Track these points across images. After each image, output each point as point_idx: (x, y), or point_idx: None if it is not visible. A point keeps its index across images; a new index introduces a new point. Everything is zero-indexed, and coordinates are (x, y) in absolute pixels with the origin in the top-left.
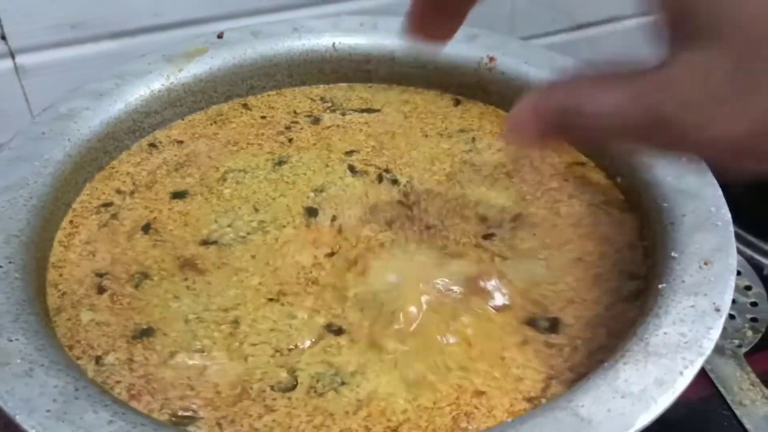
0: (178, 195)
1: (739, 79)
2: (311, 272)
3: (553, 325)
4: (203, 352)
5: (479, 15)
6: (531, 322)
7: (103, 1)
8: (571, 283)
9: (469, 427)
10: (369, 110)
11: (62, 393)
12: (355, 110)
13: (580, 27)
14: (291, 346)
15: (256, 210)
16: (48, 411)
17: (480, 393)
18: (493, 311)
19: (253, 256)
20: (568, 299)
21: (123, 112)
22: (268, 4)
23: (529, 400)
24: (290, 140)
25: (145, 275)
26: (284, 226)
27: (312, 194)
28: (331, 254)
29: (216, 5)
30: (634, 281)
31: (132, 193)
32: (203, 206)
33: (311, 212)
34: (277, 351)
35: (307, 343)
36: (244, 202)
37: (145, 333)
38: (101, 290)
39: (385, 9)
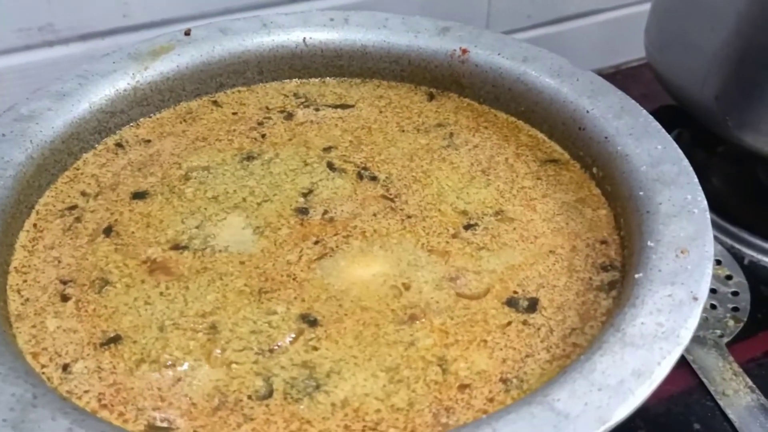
0: (139, 195)
1: None
2: (296, 266)
3: (532, 305)
4: (176, 362)
5: (455, 12)
6: (510, 302)
7: (71, 3)
8: (542, 272)
9: (450, 422)
10: (343, 105)
11: (20, 401)
12: (329, 105)
13: (556, 21)
14: (273, 347)
15: (243, 211)
16: (4, 420)
17: (464, 386)
18: (472, 298)
19: (242, 262)
20: (539, 284)
21: (87, 112)
22: (238, 3)
23: (504, 381)
24: (263, 136)
25: (107, 281)
26: (279, 229)
27: (302, 199)
28: (317, 242)
29: (185, 5)
30: (606, 272)
31: (96, 195)
32: (164, 207)
33: (303, 211)
34: (258, 354)
35: (288, 339)
36: (210, 202)
37: (113, 340)
38: (65, 298)
39: (355, 6)
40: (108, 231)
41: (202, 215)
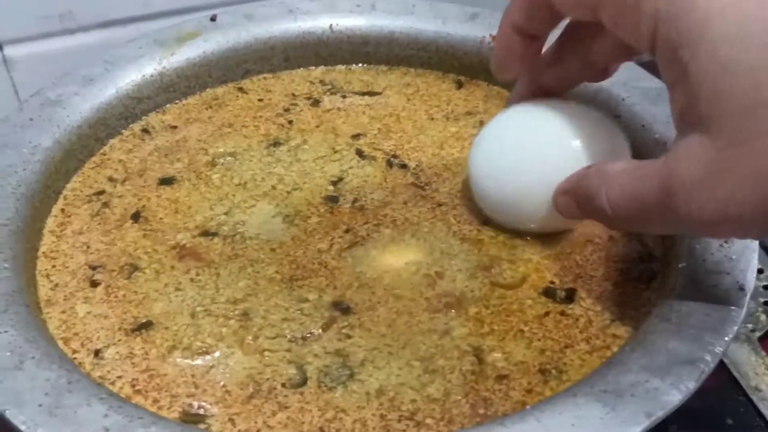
0: (166, 181)
1: (717, 167)
2: (327, 254)
3: (569, 296)
4: (209, 349)
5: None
6: (548, 293)
7: None
8: (580, 261)
9: (488, 413)
10: (371, 93)
11: (54, 386)
12: (356, 93)
13: None
14: (306, 334)
15: (272, 199)
16: (39, 405)
17: (501, 377)
18: (507, 287)
19: (273, 249)
20: (576, 275)
21: (114, 98)
22: None
23: (542, 371)
24: (290, 122)
25: (136, 267)
26: (309, 217)
27: (331, 186)
28: (347, 231)
29: None
30: (644, 263)
31: (124, 180)
32: (192, 193)
33: (332, 200)
34: (291, 341)
35: (321, 327)
36: (238, 189)
37: (144, 326)
38: (95, 284)
39: None
40: (136, 216)
41: (231, 202)
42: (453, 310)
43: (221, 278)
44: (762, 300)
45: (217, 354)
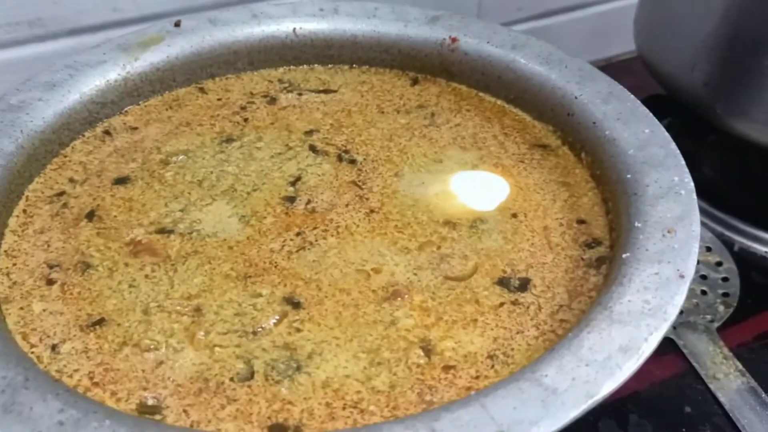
0: (120, 181)
1: None
2: (278, 254)
3: (523, 285)
4: (157, 346)
5: (446, 4)
6: (502, 282)
7: None
8: (529, 249)
9: (434, 400)
10: (326, 91)
11: (10, 384)
12: (312, 90)
13: (546, 15)
14: (257, 329)
15: (231, 199)
16: None
17: (448, 367)
18: (460, 279)
19: (230, 247)
20: (528, 263)
21: (77, 103)
22: None
23: (490, 357)
24: (245, 120)
25: (88, 264)
26: (264, 218)
27: (291, 188)
28: (298, 234)
29: (175, 0)
30: (593, 249)
31: (83, 182)
32: (146, 191)
33: (290, 200)
34: (241, 336)
35: (272, 321)
36: (193, 187)
37: (98, 323)
38: (51, 282)
39: None
40: (90, 215)
41: (186, 200)
42: (399, 299)
43: (177, 274)
44: (720, 292)
45: (164, 350)
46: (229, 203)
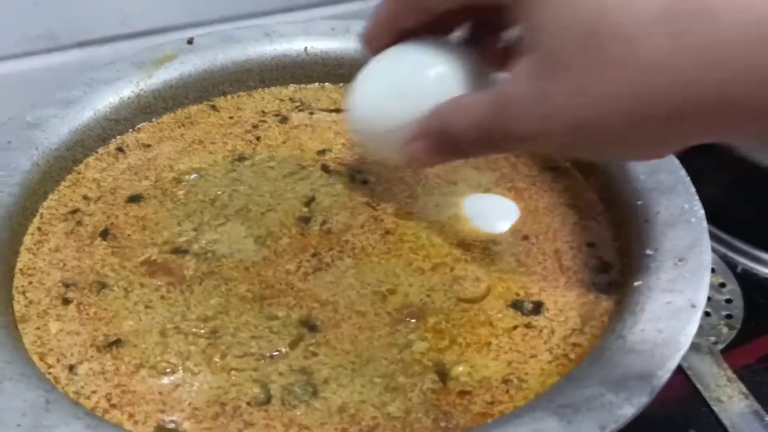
0: (134, 199)
1: (542, 85)
2: (295, 275)
3: (536, 308)
4: (174, 369)
5: None
6: (515, 305)
7: (70, 10)
8: (542, 272)
9: (449, 426)
10: (338, 110)
11: (33, 406)
12: (324, 110)
13: None
14: (273, 353)
15: (246, 220)
16: (18, 426)
17: (464, 393)
18: (471, 301)
19: (247, 268)
20: (540, 287)
21: (92, 120)
22: (236, 11)
23: (505, 381)
24: (258, 138)
25: (104, 284)
26: (280, 238)
27: (305, 208)
28: (314, 255)
29: (184, 13)
30: (604, 273)
31: (97, 199)
32: (159, 210)
33: (305, 221)
34: (258, 360)
35: (287, 346)
36: (206, 206)
37: (114, 344)
38: (66, 301)
39: (356, 14)
40: (105, 234)
41: (199, 219)
42: (413, 320)
43: (194, 295)
44: (724, 313)
45: (181, 373)
46: (244, 223)
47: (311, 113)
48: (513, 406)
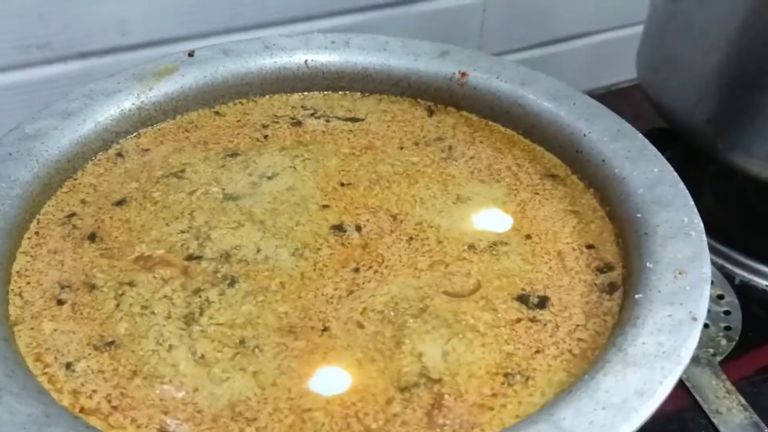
0: (120, 203)
1: None
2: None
3: (542, 302)
4: (172, 379)
5: (449, 33)
6: (521, 298)
7: (70, 21)
8: (546, 271)
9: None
10: (354, 119)
11: (35, 422)
12: (340, 118)
13: (547, 43)
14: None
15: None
16: None
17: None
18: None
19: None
20: (544, 285)
21: (92, 132)
22: (237, 23)
23: (506, 375)
24: (265, 137)
25: (93, 285)
26: (319, 249)
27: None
28: (356, 269)
29: (184, 25)
30: (605, 274)
31: (92, 203)
32: (141, 212)
33: (339, 228)
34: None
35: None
36: (185, 208)
37: (110, 344)
38: (60, 302)
39: (356, 27)
40: (92, 237)
41: (189, 221)
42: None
43: (214, 304)
44: (723, 325)
45: (178, 382)
46: (257, 227)
47: (327, 120)
48: (518, 401)
